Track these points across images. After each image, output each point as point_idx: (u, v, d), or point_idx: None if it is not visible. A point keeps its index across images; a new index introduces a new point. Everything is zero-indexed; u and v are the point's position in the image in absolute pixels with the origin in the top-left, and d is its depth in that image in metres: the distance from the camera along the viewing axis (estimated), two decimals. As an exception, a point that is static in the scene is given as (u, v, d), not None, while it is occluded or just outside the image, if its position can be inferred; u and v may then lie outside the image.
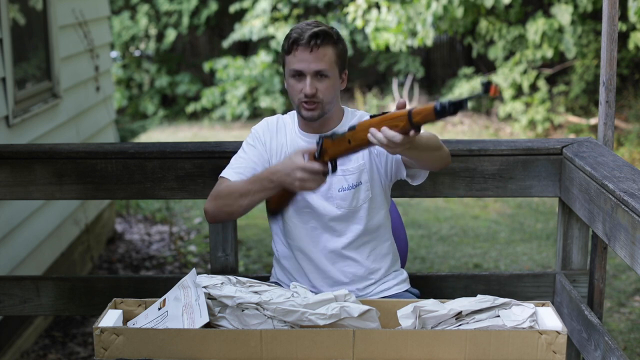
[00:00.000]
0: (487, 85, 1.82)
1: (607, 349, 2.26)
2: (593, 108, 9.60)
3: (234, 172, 2.34)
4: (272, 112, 11.19)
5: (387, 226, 2.44)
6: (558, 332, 1.90)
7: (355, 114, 2.41)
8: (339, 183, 2.32)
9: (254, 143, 2.41)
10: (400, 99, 2.15)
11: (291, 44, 2.24)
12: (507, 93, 9.74)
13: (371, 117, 2.04)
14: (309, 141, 2.36)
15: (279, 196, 2.28)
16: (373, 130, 1.98)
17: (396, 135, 1.93)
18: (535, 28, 8.70)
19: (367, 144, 2.04)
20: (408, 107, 1.97)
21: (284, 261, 2.43)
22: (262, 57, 11.08)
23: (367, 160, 2.33)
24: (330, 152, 2.13)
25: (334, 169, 2.16)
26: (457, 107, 1.87)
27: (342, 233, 2.36)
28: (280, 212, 2.37)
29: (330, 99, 2.28)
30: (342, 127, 2.35)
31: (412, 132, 1.93)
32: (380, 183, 2.36)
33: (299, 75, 2.25)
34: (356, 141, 2.06)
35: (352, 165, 2.33)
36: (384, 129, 1.96)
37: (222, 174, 2.36)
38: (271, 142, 2.41)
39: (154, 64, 12.16)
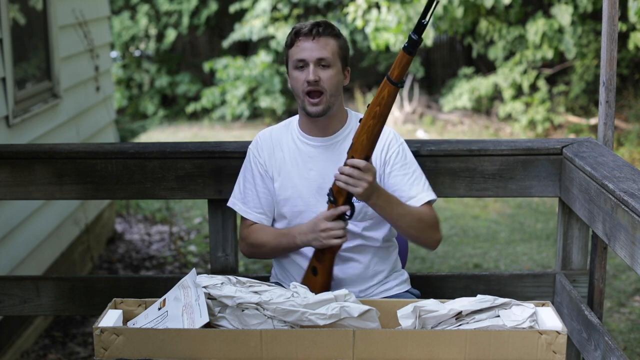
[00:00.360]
0: None
1: (607, 349, 2.26)
2: (593, 108, 9.60)
3: (252, 211, 2.41)
4: (272, 112, 11.19)
5: (390, 234, 2.44)
6: (558, 332, 1.90)
7: (359, 116, 2.40)
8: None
9: (253, 166, 2.41)
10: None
11: (294, 35, 2.27)
12: (507, 93, 9.74)
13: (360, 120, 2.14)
14: (312, 144, 2.35)
15: (322, 284, 2.31)
16: (337, 174, 2.16)
17: (360, 162, 2.11)
18: (535, 28, 8.70)
19: (367, 149, 2.14)
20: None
21: (286, 262, 2.43)
22: (262, 57, 11.08)
23: (379, 174, 2.34)
24: (343, 191, 2.19)
25: (353, 210, 2.23)
26: (419, 29, 2.05)
27: (349, 239, 2.35)
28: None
29: (334, 91, 2.28)
30: (347, 130, 2.36)
31: (392, 89, 2.08)
32: None
33: (302, 66, 2.26)
34: (356, 153, 2.15)
35: None
36: (348, 164, 2.13)
37: (241, 212, 2.44)
38: (270, 159, 2.39)
39: (154, 64, 12.16)
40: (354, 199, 2.24)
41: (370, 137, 2.12)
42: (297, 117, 2.42)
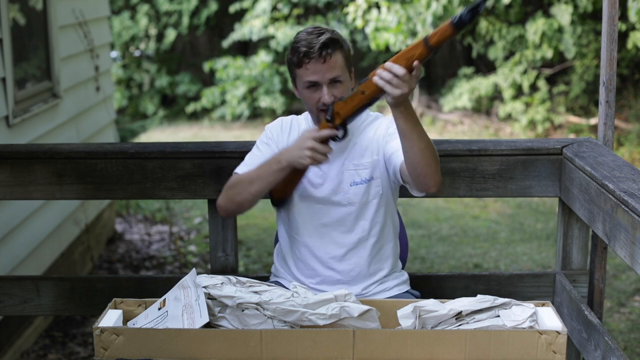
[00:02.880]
0: None
1: (607, 349, 2.26)
2: (593, 108, 9.60)
3: (247, 167, 2.37)
4: (272, 112, 11.19)
5: (392, 227, 2.44)
6: (558, 332, 1.90)
7: (370, 114, 2.43)
8: (351, 177, 2.33)
9: (268, 142, 2.42)
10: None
11: (302, 57, 2.23)
12: (507, 93, 9.73)
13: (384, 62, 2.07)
14: None
15: (283, 184, 2.29)
16: (379, 70, 2.02)
17: (399, 69, 1.97)
18: (535, 28, 8.70)
19: (380, 90, 2.05)
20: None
21: (287, 257, 2.43)
22: (262, 57, 11.08)
23: (381, 156, 2.34)
24: (342, 113, 2.16)
25: (345, 133, 2.19)
26: (474, 12, 1.91)
27: (350, 230, 2.36)
28: (285, 201, 2.36)
29: None
30: (358, 122, 2.36)
31: (416, 64, 1.96)
32: (389, 181, 2.38)
33: (314, 85, 2.26)
34: (370, 88, 2.08)
35: (365, 159, 2.34)
36: (388, 63, 2.00)
37: (235, 170, 2.40)
38: (279, 137, 2.41)
39: (154, 64, 12.16)
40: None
41: (404, 63, 2.01)
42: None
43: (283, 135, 2.43)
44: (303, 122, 2.44)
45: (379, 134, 2.35)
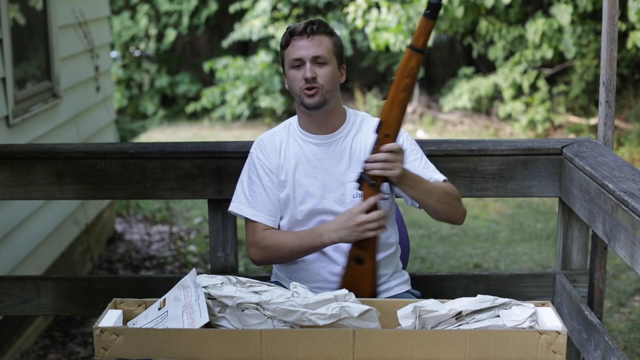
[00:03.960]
0: None
1: (607, 349, 2.26)
2: (593, 108, 9.60)
3: (264, 214, 2.36)
4: (272, 112, 11.19)
5: (394, 233, 2.44)
6: (558, 332, 1.90)
7: (358, 114, 2.41)
8: (353, 190, 2.31)
9: (260, 170, 2.38)
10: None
11: (289, 35, 2.29)
12: (507, 93, 9.73)
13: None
14: (314, 142, 2.35)
15: (372, 270, 2.28)
16: (368, 165, 2.17)
17: (394, 146, 2.13)
18: (535, 28, 8.71)
19: (400, 123, 2.19)
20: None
21: (289, 262, 2.42)
22: (262, 57, 11.08)
23: None
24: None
25: (391, 188, 2.26)
26: None
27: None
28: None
29: (331, 87, 2.28)
30: (348, 127, 2.36)
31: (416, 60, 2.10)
32: (391, 193, 2.37)
33: (298, 65, 2.27)
34: (391, 129, 2.18)
35: None
36: (383, 149, 2.14)
37: (250, 217, 2.36)
38: (275, 163, 2.38)
39: (154, 64, 12.16)
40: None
41: (403, 110, 2.19)
42: (296, 117, 2.42)
43: (271, 154, 2.38)
44: (285, 134, 2.40)
45: None
